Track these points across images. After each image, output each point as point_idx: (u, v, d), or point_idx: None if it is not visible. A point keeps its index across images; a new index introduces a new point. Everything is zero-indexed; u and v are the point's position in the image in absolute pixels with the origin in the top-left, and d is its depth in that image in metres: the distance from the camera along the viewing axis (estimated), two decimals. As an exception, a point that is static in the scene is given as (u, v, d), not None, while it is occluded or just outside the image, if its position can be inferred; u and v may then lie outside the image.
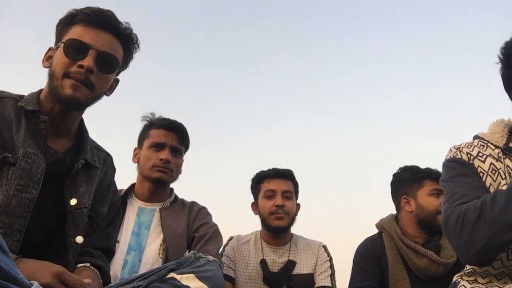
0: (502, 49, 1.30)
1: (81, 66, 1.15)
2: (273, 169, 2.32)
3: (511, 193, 1.06)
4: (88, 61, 1.16)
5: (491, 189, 1.22)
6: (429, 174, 2.14)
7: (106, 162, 1.40)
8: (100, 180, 1.33)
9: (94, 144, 1.38)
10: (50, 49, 1.25)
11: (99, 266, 1.25)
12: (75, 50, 1.17)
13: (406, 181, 2.20)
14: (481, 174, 1.25)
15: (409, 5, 4.66)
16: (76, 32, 1.19)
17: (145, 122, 2.03)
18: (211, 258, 1.34)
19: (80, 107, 1.24)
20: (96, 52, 1.18)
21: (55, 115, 1.22)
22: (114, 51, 1.23)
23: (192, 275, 1.19)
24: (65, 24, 1.22)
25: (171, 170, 1.92)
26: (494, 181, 1.23)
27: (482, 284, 1.22)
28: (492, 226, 1.05)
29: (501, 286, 1.17)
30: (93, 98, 1.24)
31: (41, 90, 1.27)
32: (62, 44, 1.18)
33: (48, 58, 1.24)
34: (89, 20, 1.20)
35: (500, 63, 1.31)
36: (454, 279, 1.34)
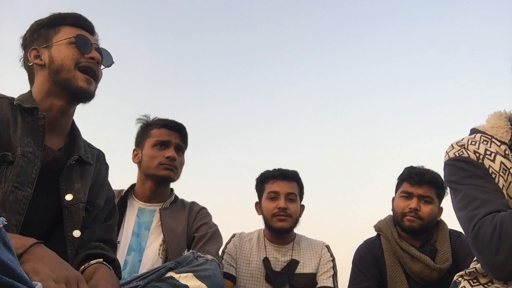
0: None
1: (92, 58, 1.26)
2: (278, 169, 2.30)
3: None
4: (96, 54, 1.27)
5: (503, 191, 1.14)
6: (407, 177, 2.14)
7: (99, 159, 1.43)
8: (95, 176, 1.36)
9: (87, 143, 1.40)
10: (34, 48, 1.28)
11: (111, 259, 1.25)
12: (83, 44, 1.26)
13: (397, 182, 2.24)
14: (493, 175, 1.16)
15: (409, 5, 4.69)
16: (71, 32, 1.28)
17: (141, 124, 2.04)
18: (209, 257, 1.34)
19: (88, 100, 1.31)
20: (96, 46, 1.31)
21: (54, 112, 1.26)
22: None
23: (191, 274, 1.20)
24: (50, 25, 1.30)
25: (177, 168, 1.94)
26: (505, 181, 1.14)
27: (483, 283, 1.20)
28: None
29: (502, 285, 1.15)
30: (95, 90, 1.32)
31: (30, 91, 1.29)
32: (67, 40, 1.26)
33: (35, 57, 1.28)
34: (79, 23, 1.31)
35: None
36: (454, 278, 1.33)
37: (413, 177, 2.10)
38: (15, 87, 1.28)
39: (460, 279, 1.30)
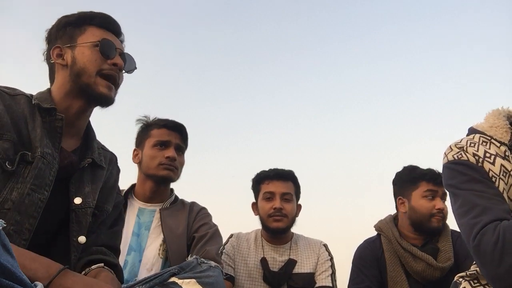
0: None
1: (115, 64, 1.23)
2: (273, 170, 2.30)
3: None
4: (119, 60, 1.25)
5: (504, 195, 1.11)
6: (423, 175, 2.11)
7: (112, 162, 1.40)
8: (106, 180, 1.34)
9: (100, 145, 1.38)
10: (58, 47, 1.25)
11: (114, 264, 1.24)
12: (107, 49, 1.24)
13: (403, 181, 2.20)
14: (493, 179, 1.12)
15: (409, 5, 4.68)
16: (97, 34, 1.25)
17: (141, 124, 2.04)
18: (213, 263, 1.33)
19: (107, 105, 1.29)
20: (120, 51, 1.28)
21: (71, 113, 1.24)
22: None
23: (193, 280, 1.19)
24: (76, 24, 1.27)
25: (177, 168, 1.94)
26: (506, 184, 1.11)
27: (484, 284, 1.20)
28: None
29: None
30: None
31: (49, 89, 1.27)
32: (92, 43, 1.23)
33: (58, 56, 1.26)
34: (106, 25, 1.28)
35: None
36: (455, 279, 1.33)
37: (437, 177, 2.07)
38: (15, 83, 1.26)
39: (460, 279, 1.29)
